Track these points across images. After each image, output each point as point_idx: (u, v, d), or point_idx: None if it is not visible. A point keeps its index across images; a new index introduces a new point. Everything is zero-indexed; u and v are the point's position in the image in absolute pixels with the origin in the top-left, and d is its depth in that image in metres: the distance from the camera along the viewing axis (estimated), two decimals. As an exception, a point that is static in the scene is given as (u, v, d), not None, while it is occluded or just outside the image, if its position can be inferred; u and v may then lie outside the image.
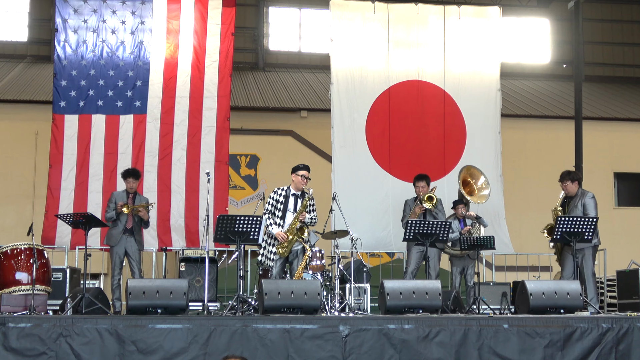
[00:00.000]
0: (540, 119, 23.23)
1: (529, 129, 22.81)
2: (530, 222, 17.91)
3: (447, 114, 15.62)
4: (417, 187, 12.85)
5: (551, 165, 19.23)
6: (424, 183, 12.82)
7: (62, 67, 14.90)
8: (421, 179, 12.87)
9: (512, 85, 25.48)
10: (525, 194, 21.25)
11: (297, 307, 9.73)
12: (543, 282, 11.20)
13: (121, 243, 12.17)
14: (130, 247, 12.23)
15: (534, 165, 22.19)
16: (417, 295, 10.26)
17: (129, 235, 12.23)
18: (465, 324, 9.17)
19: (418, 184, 12.86)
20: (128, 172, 12.58)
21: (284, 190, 11.45)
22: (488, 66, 15.91)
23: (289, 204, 11.26)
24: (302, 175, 11.42)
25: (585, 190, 12.12)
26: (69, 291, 12.72)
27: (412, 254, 12.68)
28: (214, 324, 8.83)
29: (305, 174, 11.44)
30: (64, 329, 8.61)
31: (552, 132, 22.73)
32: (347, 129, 15.18)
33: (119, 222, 12.20)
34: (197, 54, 15.07)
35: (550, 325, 9.30)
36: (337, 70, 15.30)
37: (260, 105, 22.59)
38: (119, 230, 12.19)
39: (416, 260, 12.67)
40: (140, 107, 14.87)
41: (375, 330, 8.97)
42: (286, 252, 11.18)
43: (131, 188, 12.43)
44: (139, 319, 8.95)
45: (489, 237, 12.05)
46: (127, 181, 12.45)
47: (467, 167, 13.95)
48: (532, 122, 23.11)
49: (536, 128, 22.98)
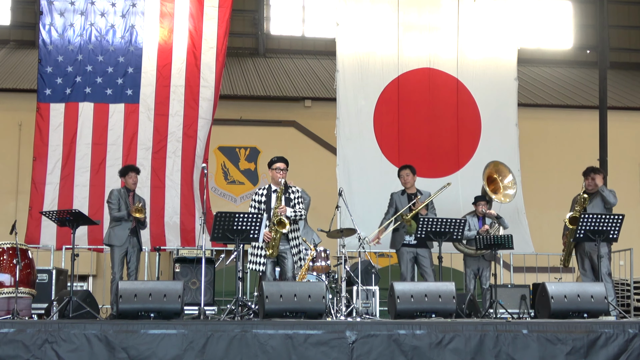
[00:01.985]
0: (561, 109, 23.16)
1: (549, 120, 22.75)
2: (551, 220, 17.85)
3: (461, 104, 15.61)
4: (402, 177, 12.75)
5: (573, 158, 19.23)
6: (408, 171, 12.72)
7: (47, 52, 14.87)
8: (405, 167, 12.79)
9: (532, 72, 25.42)
10: (545, 189, 21.18)
11: (301, 311, 9.73)
12: (565, 284, 11.16)
13: (125, 243, 12.15)
14: (133, 247, 12.21)
15: (555, 158, 22.13)
16: (430, 298, 10.26)
17: (132, 235, 12.21)
18: (481, 330, 9.14)
19: (402, 172, 12.77)
20: (129, 167, 12.56)
21: (264, 190, 11.28)
22: (505, 52, 15.88)
23: (272, 203, 11.14)
24: (276, 169, 11.16)
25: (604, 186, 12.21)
26: (55, 294, 12.70)
27: (402, 256, 12.50)
28: (211, 330, 8.81)
29: (280, 166, 11.16)
30: (49, 334, 8.58)
31: (575, 123, 22.67)
32: (354, 120, 15.17)
33: (123, 222, 12.17)
34: (193, 38, 15.04)
35: (573, 331, 9.26)
36: (344, 56, 15.28)
37: (261, 94, 22.55)
38: (126, 230, 12.14)
39: (406, 264, 12.44)
40: (132, 95, 14.85)
41: (384, 336, 8.95)
42: (275, 252, 11.03)
43: (134, 183, 12.42)
44: (130, 324, 8.92)
45: (507, 236, 12.03)
46: (130, 176, 12.38)
47: (494, 162, 13.79)
48: (552, 112, 23.04)
49: (557, 119, 22.92)
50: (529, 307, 13.01)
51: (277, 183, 11.16)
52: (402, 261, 12.47)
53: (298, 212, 11.15)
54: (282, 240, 11.08)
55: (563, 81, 25.44)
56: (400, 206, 12.55)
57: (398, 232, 12.46)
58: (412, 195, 12.56)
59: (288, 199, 11.17)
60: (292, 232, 11.15)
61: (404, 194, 12.66)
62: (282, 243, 11.10)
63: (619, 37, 27.55)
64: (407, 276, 12.39)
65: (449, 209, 13.57)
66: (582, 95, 23.96)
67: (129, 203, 12.19)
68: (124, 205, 12.15)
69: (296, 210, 11.14)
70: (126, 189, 12.39)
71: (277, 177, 11.12)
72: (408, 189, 12.68)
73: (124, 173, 12.49)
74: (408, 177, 12.66)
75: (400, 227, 12.41)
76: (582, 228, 11.31)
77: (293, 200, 11.19)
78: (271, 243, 10.94)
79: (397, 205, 12.62)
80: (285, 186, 11.16)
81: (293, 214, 11.07)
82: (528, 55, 24.60)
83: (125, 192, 12.36)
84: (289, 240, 11.13)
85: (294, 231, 11.19)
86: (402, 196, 12.66)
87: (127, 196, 12.30)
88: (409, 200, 12.53)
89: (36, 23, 18.33)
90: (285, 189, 11.16)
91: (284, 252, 11.12)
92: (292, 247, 11.14)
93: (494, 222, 12.90)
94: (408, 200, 12.54)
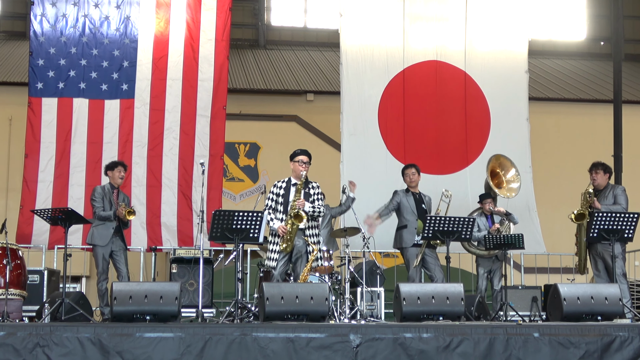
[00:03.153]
0: (574, 103, 23.18)
1: (561, 114, 22.76)
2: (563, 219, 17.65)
3: (469, 98, 15.62)
4: (407, 176, 12.75)
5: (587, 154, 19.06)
6: (414, 170, 12.74)
7: (38, 44, 14.86)
8: (410, 166, 12.82)
9: (543, 65, 25.41)
10: (557, 186, 21.15)
11: (303, 313, 9.71)
12: (578, 285, 11.14)
13: (109, 243, 12.10)
14: (117, 246, 12.17)
15: (568, 154, 22.12)
16: (437, 300, 10.24)
17: (115, 235, 12.16)
18: (490, 333, 9.13)
19: (407, 171, 12.78)
20: (116, 162, 12.51)
21: (284, 182, 11.18)
22: (515, 44, 15.88)
23: (291, 197, 11.06)
24: (299, 161, 11.09)
25: (616, 184, 12.16)
26: (46, 296, 12.69)
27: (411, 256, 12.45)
28: (210, 333, 8.80)
29: (303, 159, 11.09)
30: (41, 338, 8.58)
31: (588, 118, 22.67)
32: (358, 115, 15.18)
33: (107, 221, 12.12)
34: (191, 30, 15.02)
35: (586, 334, 9.25)
36: (347, 48, 15.29)
37: (261, 87, 22.57)
38: (110, 229, 12.10)
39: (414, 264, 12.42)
40: (128, 90, 14.85)
41: (389, 340, 8.95)
42: (289, 247, 10.94)
43: (122, 178, 12.34)
44: (125, 326, 8.93)
45: (518, 235, 11.99)
46: (118, 170, 12.30)
47: (496, 156, 13.76)
48: (565, 106, 23.06)
49: (570, 113, 22.93)
50: (540, 309, 13.00)
51: (298, 176, 11.04)
52: (410, 261, 12.43)
53: (317, 209, 10.98)
54: (299, 238, 10.96)
55: (576, 74, 25.44)
56: (406, 206, 12.54)
57: (405, 230, 12.44)
58: (417, 195, 12.56)
59: (307, 194, 11.05)
60: (309, 228, 11.00)
61: (409, 193, 12.66)
62: (298, 241, 10.96)
63: (634, 27, 27.51)
64: (416, 277, 12.37)
65: (458, 207, 13.50)
66: (596, 89, 23.95)
67: (114, 201, 12.15)
68: (108, 204, 12.10)
69: (315, 206, 10.99)
70: (111, 186, 12.33)
71: (299, 170, 11.01)
72: (412, 188, 12.68)
73: (112, 167, 12.41)
74: (414, 177, 12.68)
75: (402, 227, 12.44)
76: (596, 227, 11.29)
77: (312, 196, 11.07)
78: (286, 237, 10.82)
79: (402, 204, 12.60)
80: (306, 183, 11.13)
81: (312, 210, 10.93)
82: (539, 47, 24.63)
83: (109, 189, 12.29)
84: (307, 237, 10.97)
85: (311, 228, 11.04)
86: (407, 195, 12.66)
87: (112, 194, 12.25)
88: (415, 200, 12.53)
89: (27, 13, 18.36)
90: (305, 184, 11.11)
91: (299, 253, 10.98)
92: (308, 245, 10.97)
93: (503, 220, 12.88)
94: (414, 200, 12.54)
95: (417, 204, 12.56)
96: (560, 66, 26.03)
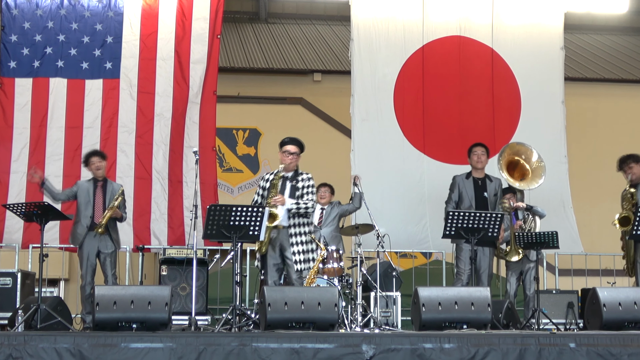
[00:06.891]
0: (615, 84, 23.13)
1: (601, 96, 22.71)
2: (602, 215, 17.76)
3: (497, 78, 15.63)
4: (475, 155, 12.56)
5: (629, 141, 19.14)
6: (483, 149, 12.58)
7: (11, 18, 14.86)
8: (479, 145, 12.68)
9: (580, 41, 25.38)
10: (596, 179, 21.11)
11: (309, 321, 9.73)
12: (619, 289, 11.14)
13: (90, 242, 12.09)
14: (104, 246, 12.17)
15: (608, 142, 22.02)
16: (461, 306, 10.22)
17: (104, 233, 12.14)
18: (521, 343, 9.11)
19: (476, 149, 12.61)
20: (89, 154, 12.51)
21: (272, 175, 11.07)
22: (549, 17, 15.89)
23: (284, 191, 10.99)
24: (285, 152, 11.00)
25: None
26: (20, 301, 12.74)
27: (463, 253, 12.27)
28: (204, 343, 8.79)
29: (290, 149, 10.98)
30: (13, 348, 8.58)
31: (631, 100, 22.63)
32: (371, 97, 15.19)
33: (81, 217, 12.12)
34: (182, 4, 14.97)
35: (629, 345, 9.23)
36: (359, 22, 15.30)
37: (262, 66, 22.57)
38: (83, 226, 12.10)
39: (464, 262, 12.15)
40: (112, 69, 14.84)
41: (407, 351, 8.93)
42: (264, 248, 10.78)
43: (98, 169, 12.31)
44: (108, 336, 8.91)
45: (551, 232, 11.96)
46: (92, 162, 12.34)
47: (509, 146, 13.46)
48: (605, 87, 23.01)
49: (610, 95, 22.88)
50: (577, 316, 13.00)
51: (287, 169, 10.98)
52: (460, 258, 12.24)
53: (302, 205, 10.85)
54: (284, 241, 10.89)
55: (617, 51, 25.38)
56: (464, 195, 12.38)
57: None
58: (479, 181, 12.43)
59: (294, 187, 10.97)
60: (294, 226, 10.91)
61: (469, 178, 12.50)
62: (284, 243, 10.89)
63: (683, -1, 27.45)
64: (464, 276, 12.16)
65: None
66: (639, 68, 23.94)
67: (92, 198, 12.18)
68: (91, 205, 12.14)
69: (300, 202, 10.87)
70: (94, 180, 12.32)
71: (285, 161, 10.98)
72: (477, 170, 12.51)
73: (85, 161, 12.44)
74: (483, 157, 12.52)
75: None
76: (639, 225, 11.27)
77: (300, 190, 10.98)
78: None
79: (462, 192, 12.42)
80: (295, 171, 11.06)
81: (295, 207, 10.84)
82: (576, 21, 24.55)
83: (92, 184, 12.28)
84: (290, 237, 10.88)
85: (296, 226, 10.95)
86: (466, 180, 12.49)
87: (95, 187, 12.24)
88: (474, 186, 12.38)
89: (-1, -16, 18.31)
90: (294, 175, 11.06)
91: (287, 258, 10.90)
92: (295, 252, 10.87)
93: (527, 215, 12.82)
94: (474, 186, 12.38)
95: (476, 192, 12.39)
96: (599, 42, 25.99)
